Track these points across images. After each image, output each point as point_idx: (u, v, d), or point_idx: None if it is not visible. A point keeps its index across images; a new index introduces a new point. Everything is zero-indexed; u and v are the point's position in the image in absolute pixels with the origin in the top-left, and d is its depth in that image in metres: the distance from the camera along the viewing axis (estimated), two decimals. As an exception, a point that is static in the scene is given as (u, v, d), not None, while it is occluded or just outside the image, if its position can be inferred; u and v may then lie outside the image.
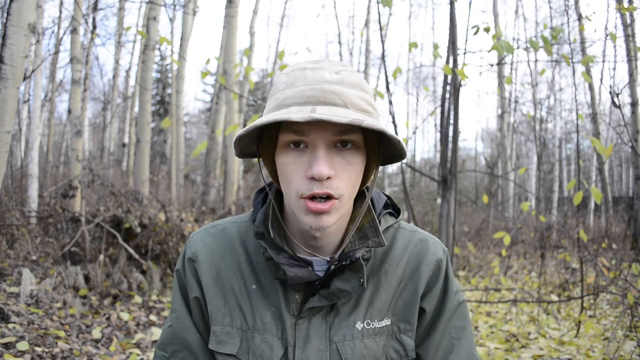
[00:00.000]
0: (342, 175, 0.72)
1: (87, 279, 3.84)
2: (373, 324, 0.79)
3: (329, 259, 0.77)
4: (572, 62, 3.76)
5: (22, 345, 2.45)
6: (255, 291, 0.81)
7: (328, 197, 0.71)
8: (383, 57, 4.07)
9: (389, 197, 0.88)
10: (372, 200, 0.84)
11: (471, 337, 0.85)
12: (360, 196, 0.83)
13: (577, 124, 4.16)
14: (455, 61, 3.61)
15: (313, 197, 0.71)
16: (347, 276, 0.75)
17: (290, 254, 0.77)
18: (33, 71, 5.62)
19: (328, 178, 0.70)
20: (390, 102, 4.06)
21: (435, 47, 3.24)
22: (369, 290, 0.80)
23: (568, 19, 4.88)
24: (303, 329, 0.77)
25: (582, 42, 7.49)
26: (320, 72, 0.71)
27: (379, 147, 0.77)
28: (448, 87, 3.82)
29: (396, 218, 0.87)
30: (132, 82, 13.17)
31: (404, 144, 0.71)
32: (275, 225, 0.79)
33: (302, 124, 0.69)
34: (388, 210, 0.86)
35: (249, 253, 0.83)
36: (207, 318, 0.84)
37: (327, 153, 0.70)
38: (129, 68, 13.43)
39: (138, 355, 2.82)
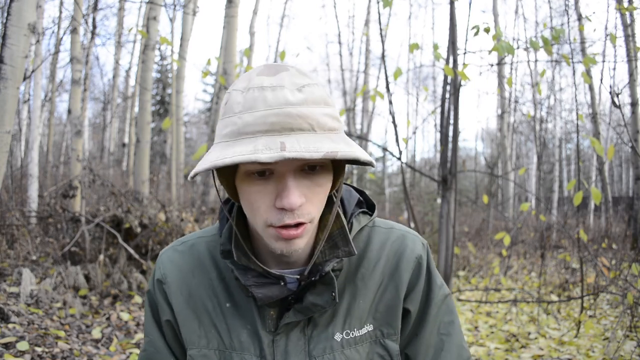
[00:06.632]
0: (313, 200, 0.68)
1: (87, 279, 3.84)
2: (353, 333, 0.77)
3: (298, 277, 0.74)
4: (572, 62, 3.76)
5: (22, 345, 2.45)
6: (230, 310, 0.78)
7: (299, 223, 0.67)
8: (383, 57, 4.08)
9: (362, 193, 0.84)
10: (342, 201, 0.80)
11: (459, 330, 0.83)
12: (328, 200, 0.77)
13: (577, 124, 4.15)
14: (455, 61, 3.61)
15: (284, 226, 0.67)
16: (319, 290, 0.73)
17: (259, 272, 0.73)
18: (33, 71, 5.63)
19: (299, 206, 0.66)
20: (390, 102, 4.06)
21: (436, 47, 3.25)
22: (346, 298, 0.77)
23: (568, 19, 4.89)
24: (281, 346, 0.75)
25: (582, 42, 7.48)
26: (282, 91, 0.63)
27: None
28: (448, 87, 3.83)
29: (370, 215, 0.82)
30: (132, 82, 13.15)
31: (374, 162, 0.67)
32: (239, 245, 0.74)
33: None
34: (362, 210, 0.82)
35: (219, 269, 0.80)
36: (181, 339, 0.81)
37: (295, 180, 0.65)
38: (129, 68, 13.42)
39: (138, 355, 2.82)
